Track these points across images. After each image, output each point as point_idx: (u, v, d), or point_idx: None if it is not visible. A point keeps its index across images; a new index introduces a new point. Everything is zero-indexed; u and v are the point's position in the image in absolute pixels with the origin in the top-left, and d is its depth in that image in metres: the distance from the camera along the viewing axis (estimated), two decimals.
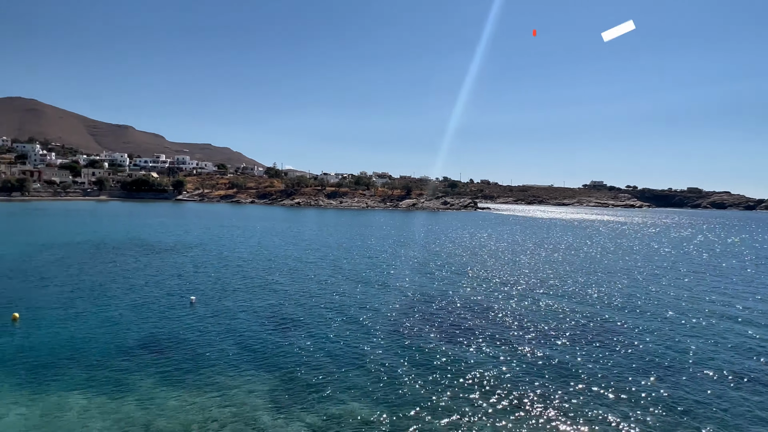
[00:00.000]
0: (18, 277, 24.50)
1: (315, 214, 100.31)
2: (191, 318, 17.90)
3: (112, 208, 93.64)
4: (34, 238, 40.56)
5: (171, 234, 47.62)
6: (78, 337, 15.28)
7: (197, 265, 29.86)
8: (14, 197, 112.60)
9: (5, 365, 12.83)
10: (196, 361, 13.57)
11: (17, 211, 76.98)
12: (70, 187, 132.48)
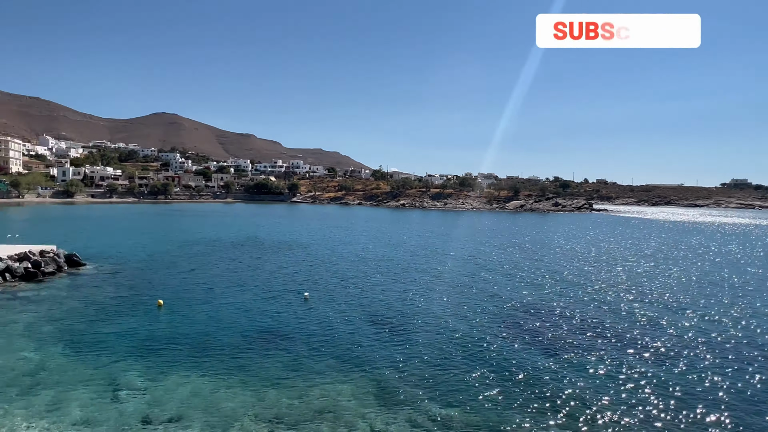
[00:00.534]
0: (164, 268, 27.88)
1: (419, 215, 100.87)
2: (305, 313, 18.84)
3: (237, 209, 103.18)
4: (176, 236, 46.06)
5: (287, 233, 51.02)
6: (209, 324, 16.87)
7: (310, 263, 31.51)
8: (159, 199, 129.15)
9: (152, 345, 14.57)
10: (309, 354, 14.19)
11: (162, 211, 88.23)
12: (203, 191, 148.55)
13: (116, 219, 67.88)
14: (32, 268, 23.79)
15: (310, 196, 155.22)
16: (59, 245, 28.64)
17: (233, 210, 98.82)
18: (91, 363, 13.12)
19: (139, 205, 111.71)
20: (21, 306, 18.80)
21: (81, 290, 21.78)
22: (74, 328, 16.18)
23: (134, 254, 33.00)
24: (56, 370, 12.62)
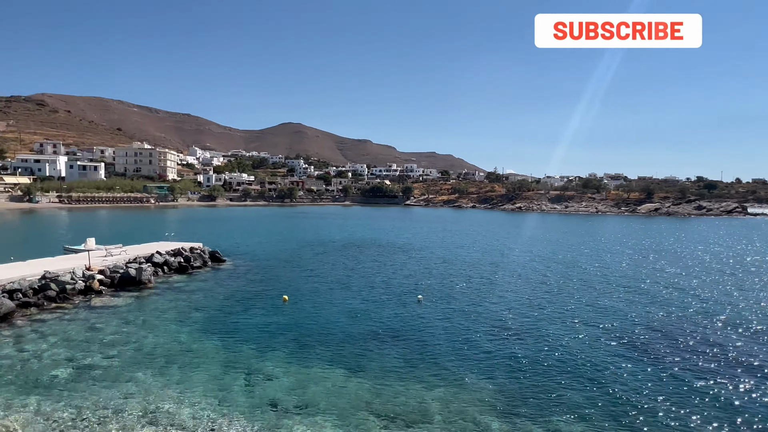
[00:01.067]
0: (289, 266, 30.21)
1: (537, 219, 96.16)
2: (419, 315, 19.02)
3: (354, 211, 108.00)
4: (300, 236, 49.67)
5: (402, 236, 52.08)
6: (329, 320, 17.87)
7: (424, 265, 31.76)
8: (286, 203, 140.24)
9: (278, 336, 15.85)
10: (423, 356, 14.28)
11: (288, 213, 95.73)
12: (323, 194, 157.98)
13: (249, 220, 75.18)
14: (184, 263, 27.37)
15: (423, 199, 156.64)
16: (204, 243, 32.53)
17: (350, 212, 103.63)
18: (228, 348, 14.68)
19: (269, 207, 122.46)
20: (175, 294, 21.72)
21: (221, 283, 24.49)
22: (215, 316, 18.25)
23: (264, 252, 36.24)
24: (200, 351, 14.34)
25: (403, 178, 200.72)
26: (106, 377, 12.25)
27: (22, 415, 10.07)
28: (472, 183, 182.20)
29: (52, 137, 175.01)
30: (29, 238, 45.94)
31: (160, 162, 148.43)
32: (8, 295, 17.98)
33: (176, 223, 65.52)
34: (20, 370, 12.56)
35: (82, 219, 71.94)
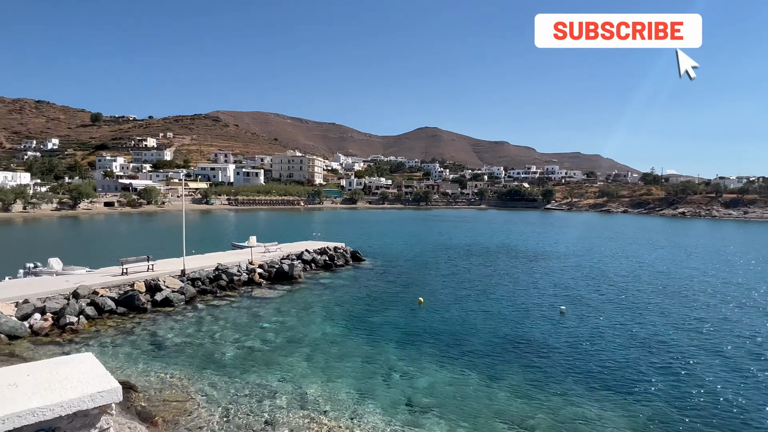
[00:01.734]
0: (424, 268, 30.63)
1: (706, 226, 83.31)
2: (561, 327, 17.75)
3: (489, 215, 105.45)
4: (435, 239, 50.10)
5: (542, 242, 49.31)
6: (463, 325, 17.63)
7: (567, 274, 29.62)
8: (421, 206, 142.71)
9: (413, 337, 16.10)
10: (564, 371, 13.27)
11: (423, 216, 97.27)
12: (459, 197, 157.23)
13: (387, 222, 78.14)
14: (329, 261, 29.47)
15: (566, 203, 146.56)
16: (346, 243, 34.63)
17: (486, 216, 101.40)
18: (368, 343, 15.37)
19: (405, 210, 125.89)
20: (321, 290, 23.48)
21: (361, 281, 25.81)
22: (357, 312, 19.27)
23: (401, 253, 37.28)
24: (343, 344, 15.25)
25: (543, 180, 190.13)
26: (263, 359, 13.71)
27: (198, 386, 11.76)
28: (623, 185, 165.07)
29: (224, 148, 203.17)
30: (206, 234, 53.79)
31: (309, 168, 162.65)
32: (191, 282, 21.23)
33: (322, 224, 70.97)
34: (198, 347, 14.71)
35: (245, 219, 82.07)
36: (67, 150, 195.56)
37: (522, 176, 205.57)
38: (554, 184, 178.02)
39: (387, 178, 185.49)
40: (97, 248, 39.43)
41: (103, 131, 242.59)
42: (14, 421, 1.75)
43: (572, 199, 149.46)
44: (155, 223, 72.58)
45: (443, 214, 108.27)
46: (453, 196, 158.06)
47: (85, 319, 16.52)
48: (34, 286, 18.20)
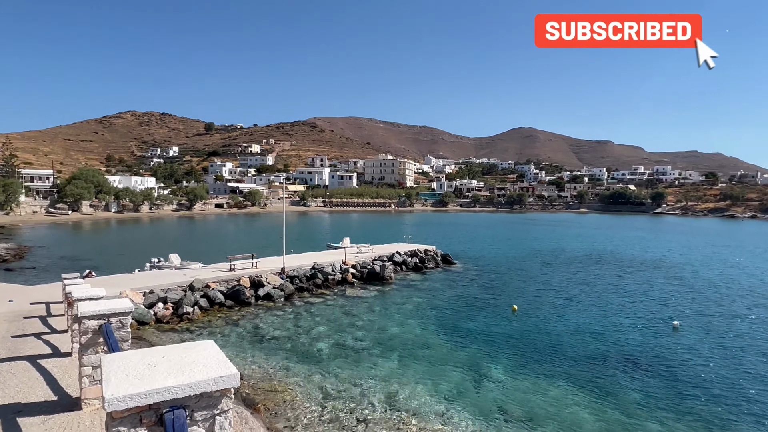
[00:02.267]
0: (518, 274, 29.56)
1: None
2: (673, 344, 16.12)
3: (590, 219, 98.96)
4: (529, 244, 48.14)
5: (652, 249, 45.22)
6: (562, 335, 16.70)
7: (684, 286, 26.85)
8: (515, 209, 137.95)
9: (507, 345, 15.58)
10: (672, 392, 12.04)
11: (517, 220, 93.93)
12: (555, 201, 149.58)
13: (478, 225, 76.59)
14: (419, 263, 29.59)
15: (679, 207, 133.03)
16: (437, 246, 34.51)
17: (586, 220, 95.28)
18: (459, 347, 15.17)
19: (497, 213, 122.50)
20: (411, 291, 23.64)
21: (452, 285, 25.55)
22: (447, 316, 19.11)
23: (492, 257, 36.33)
24: (434, 346, 15.19)
25: (652, 182, 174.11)
26: (356, 357, 14.12)
27: (296, 378, 12.40)
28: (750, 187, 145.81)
29: (320, 153, 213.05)
30: (302, 234, 56.73)
31: (400, 171, 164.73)
32: (290, 280, 22.50)
33: (412, 227, 71.46)
34: (296, 341, 15.53)
35: (339, 220, 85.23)
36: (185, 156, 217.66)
37: (627, 178, 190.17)
38: (665, 186, 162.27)
39: (479, 180, 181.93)
40: (208, 245, 43.33)
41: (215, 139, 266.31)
42: (154, 396, 1.98)
43: (687, 202, 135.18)
44: (258, 223, 78.06)
45: (539, 217, 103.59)
46: (549, 199, 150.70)
47: (199, 309, 18.22)
48: (158, 279, 20.45)
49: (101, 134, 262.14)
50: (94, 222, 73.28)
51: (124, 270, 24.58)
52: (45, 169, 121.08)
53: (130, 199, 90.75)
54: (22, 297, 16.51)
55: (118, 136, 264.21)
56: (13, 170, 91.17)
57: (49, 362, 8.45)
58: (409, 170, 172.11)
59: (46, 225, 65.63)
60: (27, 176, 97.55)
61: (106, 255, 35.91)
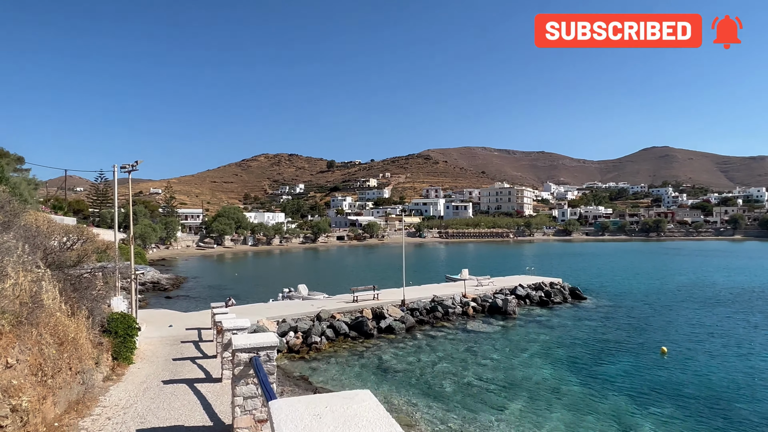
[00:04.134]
0: (663, 311, 26.20)
1: None
2: None
3: (749, 248, 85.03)
4: (673, 277, 42.71)
5: None
6: (722, 385, 14.23)
7: None
8: (651, 237, 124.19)
9: (657, 394, 13.67)
10: None
11: (654, 249, 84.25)
12: (701, 227, 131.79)
13: (608, 256, 70.09)
14: (544, 297, 27.79)
15: None
16: (563, 278, 32.18)
17: (743, 249, 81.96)
18: (595, 394, 13.69)
19: (630, 242, 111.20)
20: (538, 327, 22.17)
21: (584, 322, 23.45)
22: (580, 356, 17.48)
23: (629, 292, 32.77)
24: (568, 393, 13.90)
25: None
26: (481, 397, 13.46)
27: (421, 414, 12.15)
28: None
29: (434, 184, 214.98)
30: (420, 266, 56.96)
31: (517, 199, 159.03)
32: (410, 312, 22.54)
33: (533, 258, 67.87)
34: (419, 376, 15.33)
35: (455, 251, 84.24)
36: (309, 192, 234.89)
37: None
38: None
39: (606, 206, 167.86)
40: (332, 276, 45.53)
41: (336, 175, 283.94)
42: None
43: None
44: (376, 254, 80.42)
45: (682, 246, 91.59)
46: (694, 225, 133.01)
47: (325, 339, 19.01)
48: (289, 308, 21.87)
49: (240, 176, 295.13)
50: (234, 254, 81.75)
51: (260, 299, 26.78)
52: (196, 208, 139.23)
53: (263, 233, 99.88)
54: (179, 322, 18.76)
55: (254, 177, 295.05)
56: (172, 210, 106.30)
57: (203, 387, 9.34)
58: (527, 198, 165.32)
59: (196, 257, 74.81)
60: (182, 215, 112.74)
61: (244, 284, 39.60)
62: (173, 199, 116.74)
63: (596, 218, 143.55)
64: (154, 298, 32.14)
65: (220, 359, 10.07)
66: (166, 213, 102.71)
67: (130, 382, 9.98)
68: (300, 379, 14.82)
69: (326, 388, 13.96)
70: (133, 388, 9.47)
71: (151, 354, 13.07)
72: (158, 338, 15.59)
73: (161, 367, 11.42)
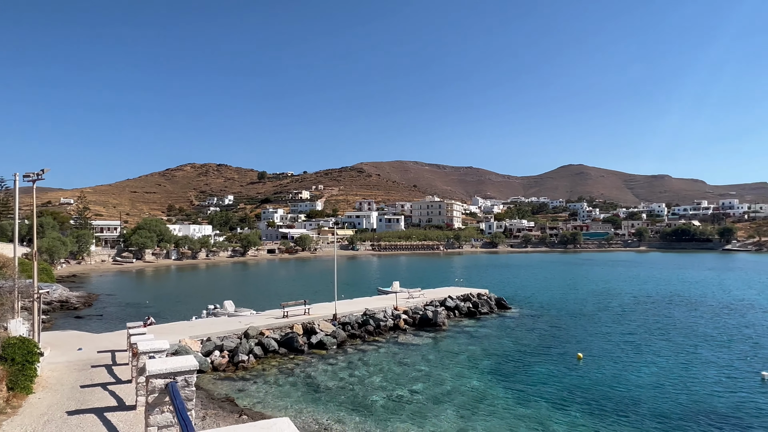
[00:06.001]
0: (580, 319, 27.95)
1: None
2: (762, 400, 14.44)
3: (652, 258, 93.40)
4: (588, 286, 45.80)
5: (728, 290, 41.75)
6: (633, 386, 15.40)
7: (763, 330, 24.43)
8: (569, 249, 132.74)
9: (573, 397, 14.50)
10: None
11: (572, 260, 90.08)
12: (612, 239, 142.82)
13: (531, 267, 73.96)
14: (472, 308, 28.69)
15: (752, 243, 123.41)
16: (490, 289, 33.44)
17: (648, 259, 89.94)
18: (520, 400, 14.27)
19: (550, 254, 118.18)
20: (466, 339, 22.79)
21: (509, 331, 24.46)
22: (505, 365, 18.17)
23: (550, 301, 34.68)
24: (493, 399, 14.37)
25: (718, 217, 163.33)
26: (412, 410, 13.54)
27: (349, 431, 11.99)
28: None
29: (367, 197, 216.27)
30: (352, 279, 56.78)
31: (447, 212, 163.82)
32: (342, 326, 22.32)
33: (462, 269, 70.00)
34: (350, 391, 15.16)
35: (387, 263, 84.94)
36: (239, 204, 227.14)
37: (690, 213, 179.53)
38: (734, 221, 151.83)
39: (529, 219, 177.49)
40: (261, 291, 44.11)
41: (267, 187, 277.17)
42: None
43: (761, 237, 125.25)
44: (308, 267, 79.13)
45: (595, 257, 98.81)
46: (607, 238, 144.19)
47: (253, 357, 18.31)
48: (214, 326, 20.85)
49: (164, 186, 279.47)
50: (155, 269, 76.86)
51: (183, 317, 25.30)
52: (113, 219, 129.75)
53: (188, 247, 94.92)
54: (91, 345, 17.24)
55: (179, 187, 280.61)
56: (85, 222, 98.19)
57: (115, 416, 8.61)
58: (456, 211, 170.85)
59: (112, 273, 69.47)
60: (97, 227, 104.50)
61: (165, 301, 37.27)
62: (87, 210, 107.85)
63: (520, 231, 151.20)
64: (62, 319, 29.37)
65: (135, 384, 9.36)
66: (79, 225, 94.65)
67: (28, 414, 8.98)
68: (225, 401, 14.11)
69: (253, 410, 13.40)
70: (30, 421, 8.53)
71: (56, 381, 11.88)
72: (65, 363, 14.21)
73: (66, 396, 10.39)
